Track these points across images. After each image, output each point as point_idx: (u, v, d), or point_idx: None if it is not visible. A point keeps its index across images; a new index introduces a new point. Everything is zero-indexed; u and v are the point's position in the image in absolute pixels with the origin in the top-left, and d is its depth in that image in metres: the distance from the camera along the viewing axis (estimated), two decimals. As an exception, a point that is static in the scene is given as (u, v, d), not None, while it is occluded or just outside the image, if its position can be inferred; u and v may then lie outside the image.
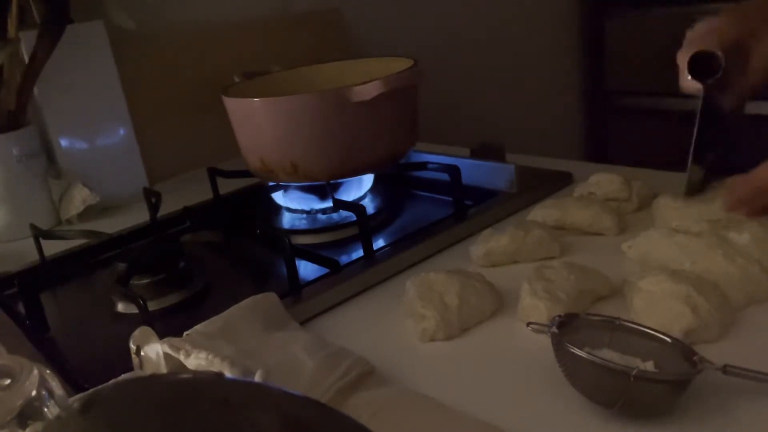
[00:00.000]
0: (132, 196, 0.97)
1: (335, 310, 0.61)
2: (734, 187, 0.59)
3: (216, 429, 0.30)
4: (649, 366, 0.42)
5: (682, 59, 0.60)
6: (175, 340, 0.46)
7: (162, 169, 1.09)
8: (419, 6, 1.49)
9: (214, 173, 0.89)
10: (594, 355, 0.41)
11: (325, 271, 0.66)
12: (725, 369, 0.42)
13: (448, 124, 1.40)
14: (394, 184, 0.89)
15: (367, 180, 0.84)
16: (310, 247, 0.72)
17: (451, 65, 1.54)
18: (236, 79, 0.91)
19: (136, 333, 0.46)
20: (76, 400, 0.33)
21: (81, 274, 0.78)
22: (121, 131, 1.02)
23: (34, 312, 0.65)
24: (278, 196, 0.84)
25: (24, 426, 0.35)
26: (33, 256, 0.77)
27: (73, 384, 0.51)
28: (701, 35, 0.61)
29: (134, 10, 1.03)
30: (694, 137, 0.61)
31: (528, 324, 0.51)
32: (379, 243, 0.73)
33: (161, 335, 0.46)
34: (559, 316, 0.46)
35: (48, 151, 0.97)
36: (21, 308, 0.67)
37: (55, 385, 0.38)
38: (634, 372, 0.40)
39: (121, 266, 0.66)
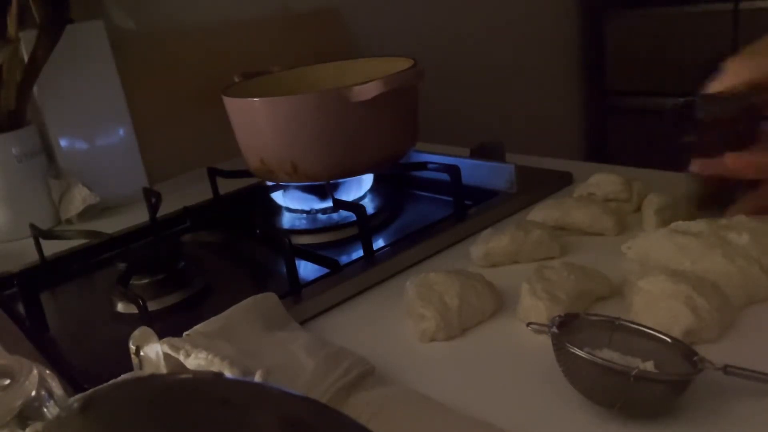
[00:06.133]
0: (132, 196, 0.97)
1: (335, 310, 0.61)
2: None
3: (216, 429, 0.30)
4: (649, 366, 0.42)
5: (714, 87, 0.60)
6: (175, 340, 0.46)
7: (162, 169, 1.09)
8: (419, 6, 1.49)
9: (214, 173, 0.89)
10: (594, 355, 0.41)
11: (325, 271, 0.66)
12: (725, 369, 0.42)
13: (448, 124, 1.40)
14: (394, 184, 0.89)
15: (367, 180, 0.84)
16: (310, 247, 0.72)
17: (451, 65, 1.54)
18: (236, 79, 0.91)
19: (136, 333, 0.46)
20: (75, 400, 0.33)
21: (81, 274, 0.78)
22: (121, 131, 1.02)
23: (34, 312, 0.65)
24: (278, 196, 0.84)
25: (24, 426, 0.35)
26: (33, 256, 0.77)
27: (73, 384, 0.51)
28: (732, 72, 0.60)
29: (134, 10, 1.03)
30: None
31: (528, 324, 0.51)
32: (379, 243, 0.73)
33: (161, 335, 0.46)
34: (559, 316, 0.46)
35: (48, 151, 0.97)
36: (21, 308, 0.67)
37: (55, 385, 0.38)
38: (634, 372, 0.40)
39: (121, 266, 0.66)
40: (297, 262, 0.64)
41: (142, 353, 0.45)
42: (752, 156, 0.57)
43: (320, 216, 0.80)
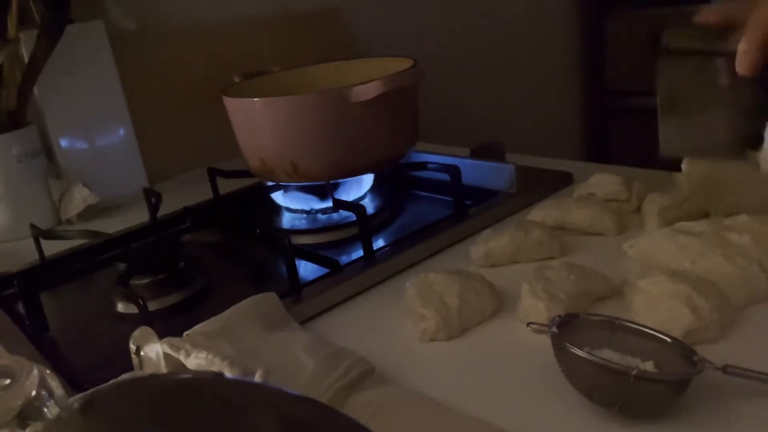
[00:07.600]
0: (132, 196, 0.97)
1: (335, 310, 0.61)
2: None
3: (216, 429, 0.30)
4: (649, 366, 0.42)
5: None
6: (175, 340, 0.46)
7: (162, 169, 1.09)
8: (419, 6, 1.49)
9: (214, 173, 0.89)
10: (594, 355, 0.41)
11: (325, 271, 0.66)
12: (725, 369, 0.42)
13: (448, 124, 1.40)
14: (394, 184, 0.89)
15: (367, 180, 0.84)
16: (310, 247, 0.72)
17: (451, 65, 1.54)
18: (236, 79, 0.91)
19: (136, 333, 0.46)
20: (76, 400, 0.33)
21: (81, 274, 0.78)
22: (121, 131, 1.02)
23: (34, 312, 0.65)
24: (278, 196, 0.84)
25: (24, 426, 0.35)
26: (33, 256, 0.77)
27: (73, 384, 0.51)
28: (704, 12, 0.59)
29: (134, 10, 1.03)
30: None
31: (528, 324, 0.51)
32: (379, 243, 0.73)
33: (161, 335, 0.46)
34: (559, 316, 0.46)
35: (48, 151, 0.97)
36: (21, 308, 0.67)
37: (55, 385, 0.38)
38: (634, 372, 0.40)
39: (121, 266, 0.66)
40: (297, 262, 0.64)
41: (142, 353, 0.45)
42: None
43: (320, 216, 0.80)
